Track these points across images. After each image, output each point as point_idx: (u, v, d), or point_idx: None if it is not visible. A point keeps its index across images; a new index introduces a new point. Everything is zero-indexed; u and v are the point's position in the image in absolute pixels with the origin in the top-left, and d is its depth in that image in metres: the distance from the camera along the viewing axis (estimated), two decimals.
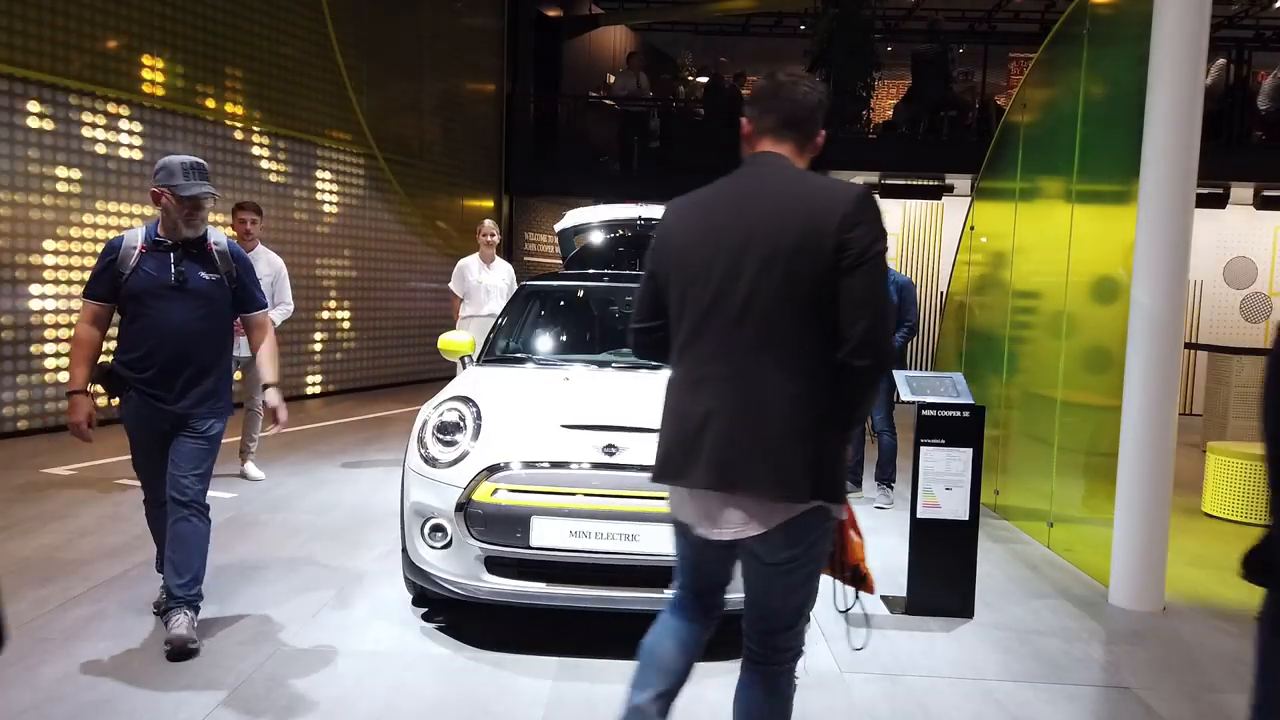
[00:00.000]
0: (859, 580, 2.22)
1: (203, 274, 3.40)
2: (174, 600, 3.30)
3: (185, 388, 3.36)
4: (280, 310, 5.86)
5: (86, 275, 3.84)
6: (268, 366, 3.65)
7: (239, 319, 3.62)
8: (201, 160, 3.41)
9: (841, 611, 2.24)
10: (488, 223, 7.12)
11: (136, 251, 3.35)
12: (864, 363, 1.87)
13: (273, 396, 3.58)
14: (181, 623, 3.26)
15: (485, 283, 6.95)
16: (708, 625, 2.25)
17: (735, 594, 3.28)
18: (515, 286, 7.12)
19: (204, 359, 3.40)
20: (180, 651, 3.21)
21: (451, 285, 7.06)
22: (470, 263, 7.03)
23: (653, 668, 2.16)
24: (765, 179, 2.03)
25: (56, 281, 7.34)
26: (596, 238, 6.60)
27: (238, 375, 5.28)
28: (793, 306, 1.91)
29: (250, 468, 6.07)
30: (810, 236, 1.90)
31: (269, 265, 5.82)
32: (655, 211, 6.24)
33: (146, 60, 8.02)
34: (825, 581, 2.21)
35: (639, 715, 2.11)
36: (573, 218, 6.55)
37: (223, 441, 3.56)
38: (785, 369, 1.92)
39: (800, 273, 1.90)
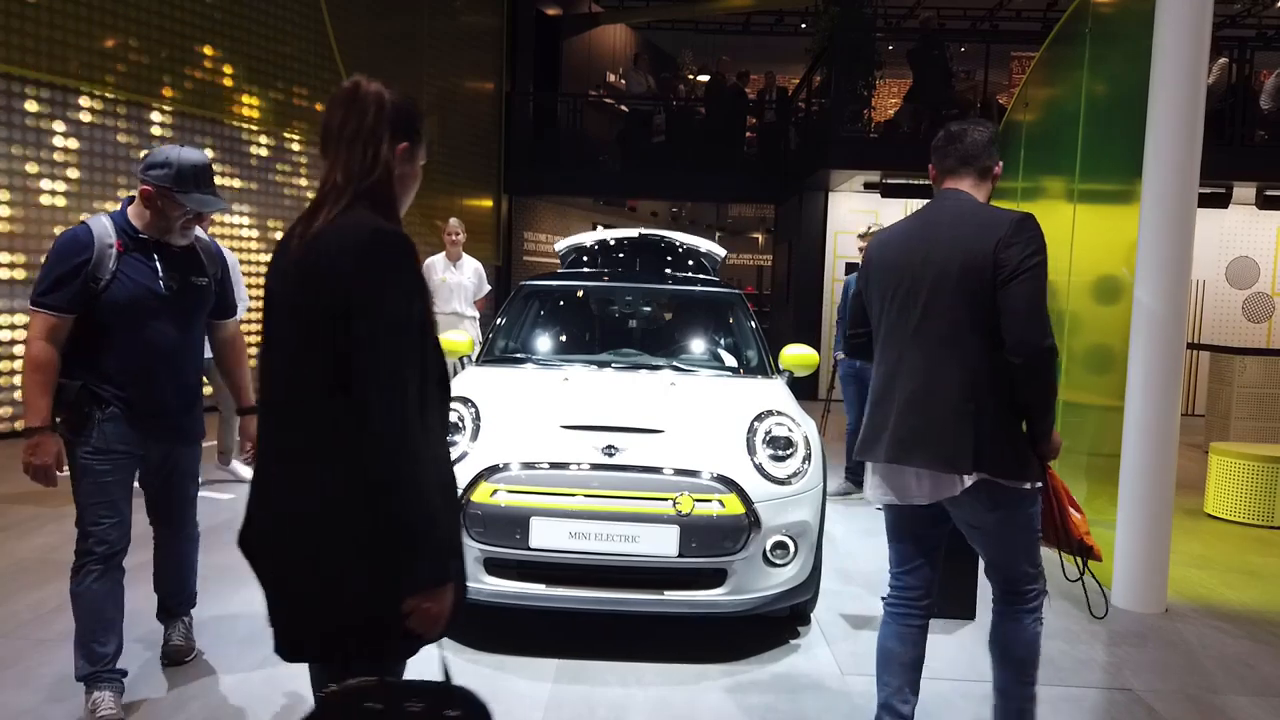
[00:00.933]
0: (1084, 550, 2.55)
1: (194, 279, 2.87)
2: (167, 611, 3.25)
3: (181, 411, 2.89)
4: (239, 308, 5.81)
5: None
6: (251, 388, 3.06)
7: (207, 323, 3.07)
8: (208, 160, 2.85)
9: (1072, 581, 2.56)
10: (453, 221, 7.14)
11: (113, 251, 2.68)
12: (1018, 360, 2.29)
13: (252, 424, 2.97)
14: (179, 632, 3.24)
15: (450, 281, 6.96)
16: (925, 615, 2.63)
17: (736, 595, 3.29)
18: (484, 284, 7.12)
19: (191, 376, 2.93)
20: (178, 661, 3.21)
21: None
22: (435, 261, 7.02)
23: (887, 666, 2.61)
24: (944, 211, 2.48)
25: None
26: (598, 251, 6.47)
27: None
28: (958, 314, 2.34)
29: (239, 466, 5.90)
30: (972, 256, 2.32)
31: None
32: (659, 233, 6.14)
33: (144, 58, 8.00)
34: (1050, 556, 2.63)
35: (888, 712, 2.58)
36: (573, 241, 6.39)
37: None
38: (952, 365, 2.36)
39: (966, 287, 2.33)
